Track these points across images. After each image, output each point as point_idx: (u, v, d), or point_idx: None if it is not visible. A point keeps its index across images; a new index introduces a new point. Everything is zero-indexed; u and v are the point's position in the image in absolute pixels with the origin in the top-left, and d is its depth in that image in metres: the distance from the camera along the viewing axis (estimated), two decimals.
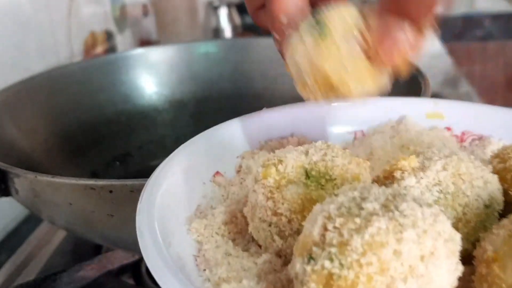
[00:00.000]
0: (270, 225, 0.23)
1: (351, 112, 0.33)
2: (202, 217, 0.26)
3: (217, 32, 1.31)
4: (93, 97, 0.56)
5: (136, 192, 0.31)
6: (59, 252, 0.51)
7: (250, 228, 0.24)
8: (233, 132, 0.31)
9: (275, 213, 0.23)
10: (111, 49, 1.06)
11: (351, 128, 0.33)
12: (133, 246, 0.40)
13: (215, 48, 0.60)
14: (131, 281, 0.47)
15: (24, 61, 0.74)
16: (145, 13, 1.32)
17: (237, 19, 1.35)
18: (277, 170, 0.24)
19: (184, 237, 0.24)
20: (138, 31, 1.25)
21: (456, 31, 1.77)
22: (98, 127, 0.56)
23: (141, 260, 0.48)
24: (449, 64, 1.27)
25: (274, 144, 0.31)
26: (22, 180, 0.34)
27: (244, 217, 0.26)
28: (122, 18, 1.15)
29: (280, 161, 0.24)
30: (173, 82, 0.60)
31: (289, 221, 0.23)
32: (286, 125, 0.32)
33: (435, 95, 0.70)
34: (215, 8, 1.31)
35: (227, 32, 1.31)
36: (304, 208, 0.23)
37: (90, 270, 0.44)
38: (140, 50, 0.60)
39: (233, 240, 0.25)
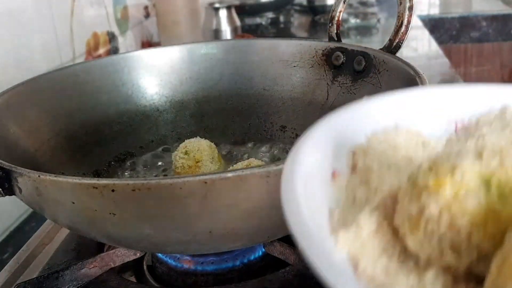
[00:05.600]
0: (441, 239, 0.21)
1: (449, 99, 0.30)
2: (345, 226, 0.23)
3: (217, 34, 1.32)
4: (95, 98, 0.56)
5: (137, 191, 0.31)
6: (62, 250, 0.51)
7: (409, 241, 0.22)
8: (336, 126, 0.28)
9: (451, 227, 0.21)
10: (113, 50, 1.07)
11: (451, 117, 0.30)
12: (135, 244, 0.41)
13: (215, 49, 0.61)
14: (133, 279, 0.47)
15: (27, 62, 0.75)
16: (147, 14, 1.32)
17: (237, 21, 1.35)
18: (452, 178, 0.21)
19: (335, 248, 0.22)
20: (139, 33, 1.25)
21: (453, 32, 1.77)
22: (101, 127, 0.56)
23: (142, 258, 0.49)
24: (446, 65, 1.27)
25: (381, 137, 0.28)
26: (26, 179, 0.34)
27: (392, 227, 0.23)
28: (124, 20, 1.15)
29: (454, 168, 0.22)
30: (174, 83, 0.60)
31: (469, 236, 0.21)
32: (387, 115, 0.29)
33: None
34: (216, 10, 1.31)
35: (227, 33, 1.32)
36: (487, 221, 0.21)
37: (93, 268, 0.45)
38: (141, 51, 0.60)
39: (385, 253, 0.23)
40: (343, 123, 0.28)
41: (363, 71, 0.52)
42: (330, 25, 0.55)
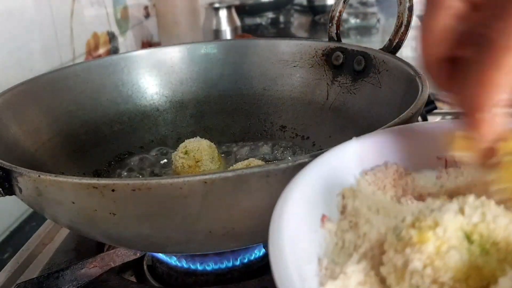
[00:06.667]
0: None
1: (437, 135, 0.30)
2: (333, 277, 0.24)
3: (217, 34, 1.32)
4: (96, 98, 0.56)
5: (137, 191, 0.31)
6: (62, 250, 0.51)
7: None
8: (326, 168, 0.28)
9: (434, 281, 0.22)
10: (113, 50, 1.07)
11: (440, 153, 0.30)
12: (135, 244, 0.41)
13: (215, 49, 0.61)
14: (133, 279, 0.47)
15: (28, 62, 0.75)
16: (147, 14, 1.32)
17: (237, 21, 1.35)
18: (434, 234, 0.22)
19: None
20: (139, 33, 1.25)
21: None
22: (101, 127, 0.56)
23: (142, 257, 0.49)
24: None
25: (370, 177, 0.29)
26: (26, 179, 0.34)
27: (379, 277, 0.24)
28: (124, 20, 1.15)
29: (437, 224, 0.22)
30: (174, 83, 0.60)
31: None
32: (376, 154, 0.29)
33: (432, 95, 0.71)
34: (216, 10, 1.31)
35: (227, 33, 1.32)
36: (469, 276, 0.22)
37: (93, 268, 0.45)
38: (141, 51, 0.60)
39: None
40: (332, 165, 0.28)
41: (363, 71, 0.52)
42: (330, 25, 0.55)
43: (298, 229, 0.24)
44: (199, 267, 0.45)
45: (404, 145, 0.30)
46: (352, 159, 0.29)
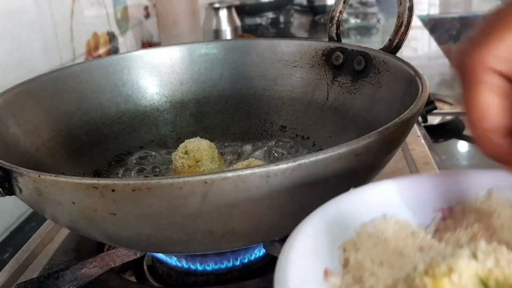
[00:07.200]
0: None
1: (434, 187, 0.31)
2: None
3: (217, 34, 1.32)
4: (96, 98, 0.56)
5: (137, 191, 0.31)
6: (62, 250, 0.51)
7: None
8: (325, 221, 0.28)
9: None
10: (113, 50, 1.07)
11: (438, 204, 0.30)
12: (135, 244, 0.41)
13: (215, 49, 0.61)
14: (133, 279, 0.47)
15: (28, 62, 0.75)
16: (147, 15, 1.32)
17: (237, 21, 1.35)
18: (450, 281, 0.22)
19: None
20: (140, 33, 1.25)
21: (453, 32, 1.77)
22: (101, 127, 0.56)
23: (142, 257, 0.49)
24: (446, 65, 1.27)
25: (370, 230, 0.29)
26: (26, 179, 0.34)
27: None
28: (124, 20, 1.15)
29: (451, 270, 0.22)
30: (174, 83, 0.60)
31: None
32: (375, 205, 0.30)
33: (432, 95, 0.71)
34: (216, 10, 1.31)
35: (227, 33, 1.32)
36: None
37: (93, 268, 0.45)
38: (141, 51, 0.60)
39: None
40: (331, 217, 0.28)
41: (363, 71, 0.52)
42: (330, 25, 0.55)
43: (303, 283, 0.24)
44: (199, 267, 0.45)
45: (403, 197, 0.30)
46: (351, 211, 0.29)
